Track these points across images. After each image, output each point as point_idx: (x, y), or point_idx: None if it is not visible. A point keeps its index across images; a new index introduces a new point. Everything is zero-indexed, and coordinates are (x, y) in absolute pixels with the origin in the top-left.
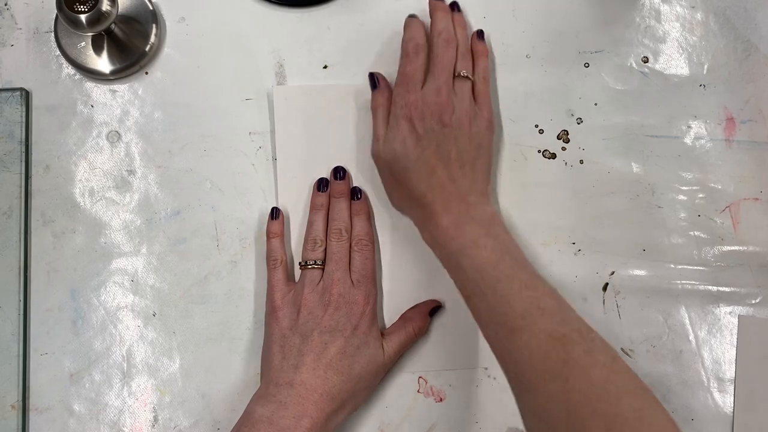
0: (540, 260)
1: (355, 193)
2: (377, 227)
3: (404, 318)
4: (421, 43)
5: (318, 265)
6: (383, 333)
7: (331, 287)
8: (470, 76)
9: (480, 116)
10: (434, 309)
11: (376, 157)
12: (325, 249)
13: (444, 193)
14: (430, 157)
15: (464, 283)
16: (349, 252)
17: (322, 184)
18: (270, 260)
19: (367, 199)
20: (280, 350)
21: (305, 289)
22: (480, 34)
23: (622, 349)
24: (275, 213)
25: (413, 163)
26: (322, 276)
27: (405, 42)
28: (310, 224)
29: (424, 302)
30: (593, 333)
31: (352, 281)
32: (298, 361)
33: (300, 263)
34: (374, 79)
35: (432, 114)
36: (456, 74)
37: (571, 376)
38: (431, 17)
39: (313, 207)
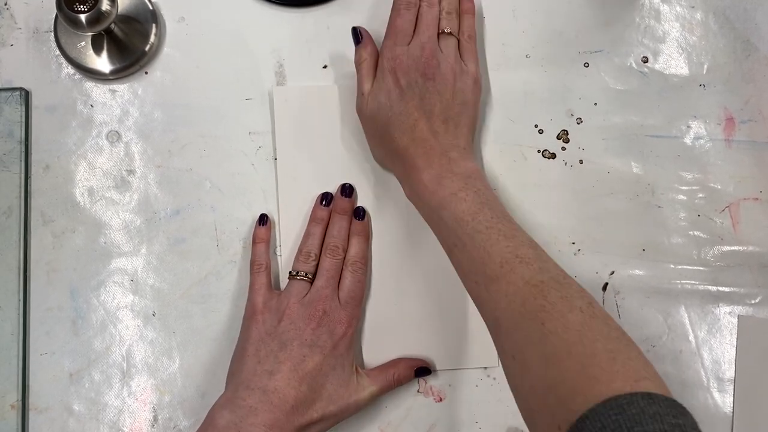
0: None
1: (358, 213)
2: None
3: (390, 363)
4: (413, 0)
5: (308, 277)
6: (367, 372)
7: (317, 302)
8: (454, 33)
9: (466, 73)
10: (421, 369)
11: (361, 111)
12: (317, 263)
13: (425, 148)
14: (413, 111)
15: (445, 235)
16: (340, 271)
17: (325, 199)
18: (255, 265)
19: (369, 221)
20: (256, 354)
21: (291, 299)
22: None
23: None
24: (264, 219)
25: (396, 117)
26: (309, 289)
27: None
28: (306, 236)
29: (415, 358)
30: (570, 279)
31: (339, 301)
32: (273, 368)
33: (290, 272)
34: (357, 34)
35: (416, 68)
36: (440, 31)
37: (548, 320)
38: None
39: (313, 219)
